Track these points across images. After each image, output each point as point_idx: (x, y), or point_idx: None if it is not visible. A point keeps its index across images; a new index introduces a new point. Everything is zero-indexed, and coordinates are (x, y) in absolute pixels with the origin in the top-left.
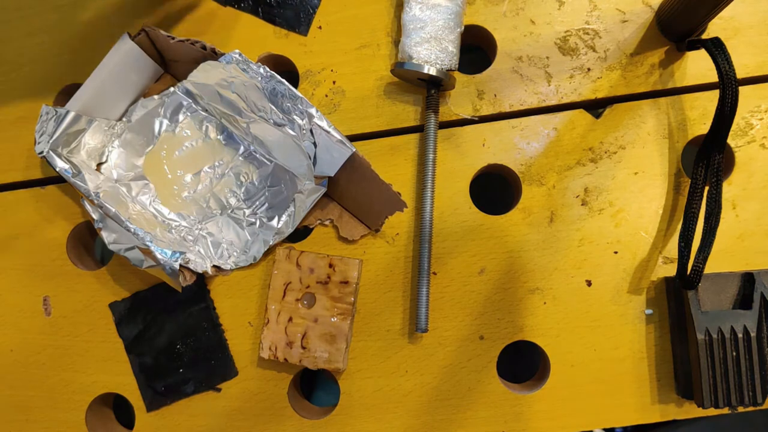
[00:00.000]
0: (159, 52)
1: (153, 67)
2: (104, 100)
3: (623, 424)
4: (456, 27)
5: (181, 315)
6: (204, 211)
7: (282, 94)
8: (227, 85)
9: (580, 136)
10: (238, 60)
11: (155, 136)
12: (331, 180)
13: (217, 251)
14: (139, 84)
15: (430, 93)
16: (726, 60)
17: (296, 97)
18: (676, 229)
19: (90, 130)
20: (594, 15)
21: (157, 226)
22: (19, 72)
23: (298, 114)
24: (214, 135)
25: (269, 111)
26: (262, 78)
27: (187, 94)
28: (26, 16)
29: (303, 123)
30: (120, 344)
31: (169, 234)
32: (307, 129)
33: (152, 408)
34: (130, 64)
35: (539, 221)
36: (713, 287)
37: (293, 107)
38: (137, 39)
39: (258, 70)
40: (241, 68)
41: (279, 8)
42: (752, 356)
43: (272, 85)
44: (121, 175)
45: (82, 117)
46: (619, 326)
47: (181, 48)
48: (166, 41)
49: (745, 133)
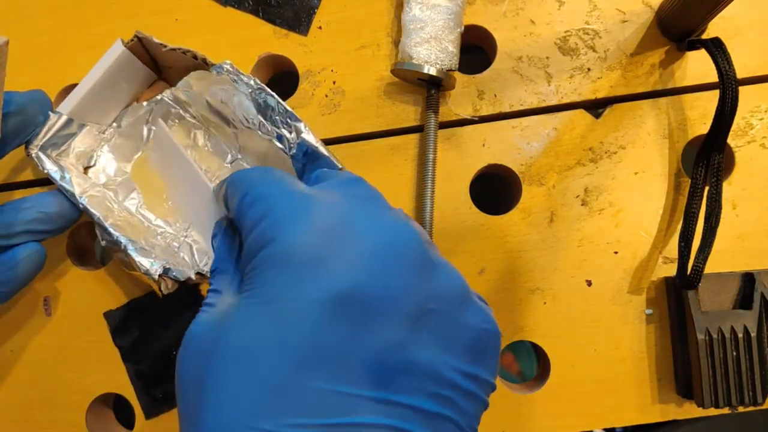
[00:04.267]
0: (152, 58)
1: (146, 72)
2: (96, 105)
3: (623, 424)
4: (456, 27)
5: (176, 321)
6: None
7: (271, 107)
8: (217, 95)
9: (580, 136)
10: (229, 71)
11: (144, 142)
12: None
13: (202, 259)
14: (131, 90)
15: (430, 93)
16: (726, 60)
17: (285, 111)
18: (676, 229)
19: (80, 135)
20: (594, 15)
21: (143, 232)
22: (19, 72)
23: (286, 127)
24: (202, 142)
25: (258, 123)
26: (252, 90)
27: (176, 102)
28: (26, 16)
29: (291, 137)
30: None
31: (154, 240)
32: (294, 143)
33: (150, 415)
34: (122, 70)
35: (539, 221)
36: (713, 287)
37: (282, 121)
38: (130, 45)
39: (248, 81)
40: (232, 79)
41: (279, 8)
42: (752, 356)
43: (262, 98)
44: (109, 179)
45: (73, 121)
46: (620, 326)
47: (173, 56)
48: (158, 48)
49: (745, 133)
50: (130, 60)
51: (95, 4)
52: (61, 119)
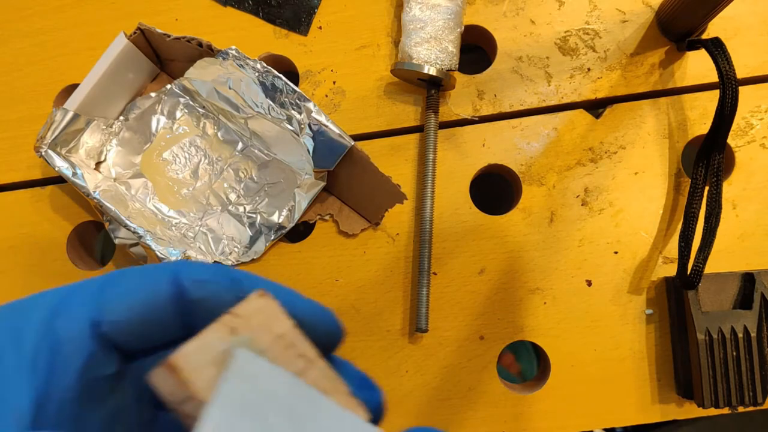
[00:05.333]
0: (155, 51)
1: (149, 66)
2: (101, 100)
3: (623, 424)
4: (456, 27)
5: None
6: (204, 207)
7: (279, 89)
8: (224, 82)
9: (580, 136)
10: (235, 56)
11: (153, 133)
12: (331, 174)
13: (218, 247)
14: (135, 83)
15: (430, 93)
16: (726, 60)
17: (294, 92)
18: (676, 229)
19: (88, 130)
20: (594, 15)
21: (157, 224)
22: (20, 72)
23: (295, 109)
24: (212, 131)
25: (267, 106)
26: (259, 73)
27: (184, 92)
28: (26, 16)
29: (301, 118)
30: None
31: (170, 231)
32: (305, 123)
33: None
34: (126, 64)
35: (539, 221)
36: (713, 287)
37: (291, 102)
38: (133, 38)
39: (255, 65)
40: (238, 64)
41: (279, 8)
42: (752, 356)
43: (269, 81)
44: (120, 173)
45: (80, 116)
46: (620, 326)
47: (177, 46)
48: (161, 39)
49: (745, 133)
50: (134, 53)
51: (95, 4)
52: (68, 115)
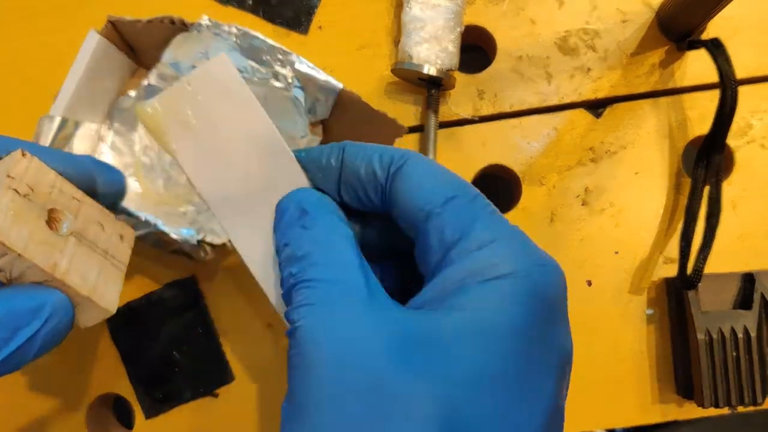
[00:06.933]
0: (130, 46)
1: (125, 61)
2: (85, 101)
3: (623, 424)
4: (456, 27)
5: (175, 322)
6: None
7: (259, 48)
8: (203, 56)
9: (580, 136)
10: (208, 25)
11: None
12: (326, 128)
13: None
14: (115, 79)
15: (430, 93)
16: (726, 60)
17: (274, 48)
18: (677, 229)
19: (78, 135)
20: (594, 15)
21: (162, 215)
22: (20, 73)
23: (279, 64)
24: None
25: (251, 69)
26: (237, 37)
27: (163, 79)
28: (26, 16)
29: (286, 72)
30: None
31: (180, 219)
32: (291, 76)
33: (150, 415)
34: (102, 60)
35: (539, 221)
36: (713, 287)
37: (273, 58)
38: (104, 32)
39: (230, 29)
40: (213, 33)
41: (279, 8)
42: (752, 356)
43: (247, 42)
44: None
45: (68, 121)
46: (620, 326)
47: (151, 30)
48: (132, 27)
49: (745, 133)
50: (108, 48)
51: (95, 4)
52: (56, 121)
